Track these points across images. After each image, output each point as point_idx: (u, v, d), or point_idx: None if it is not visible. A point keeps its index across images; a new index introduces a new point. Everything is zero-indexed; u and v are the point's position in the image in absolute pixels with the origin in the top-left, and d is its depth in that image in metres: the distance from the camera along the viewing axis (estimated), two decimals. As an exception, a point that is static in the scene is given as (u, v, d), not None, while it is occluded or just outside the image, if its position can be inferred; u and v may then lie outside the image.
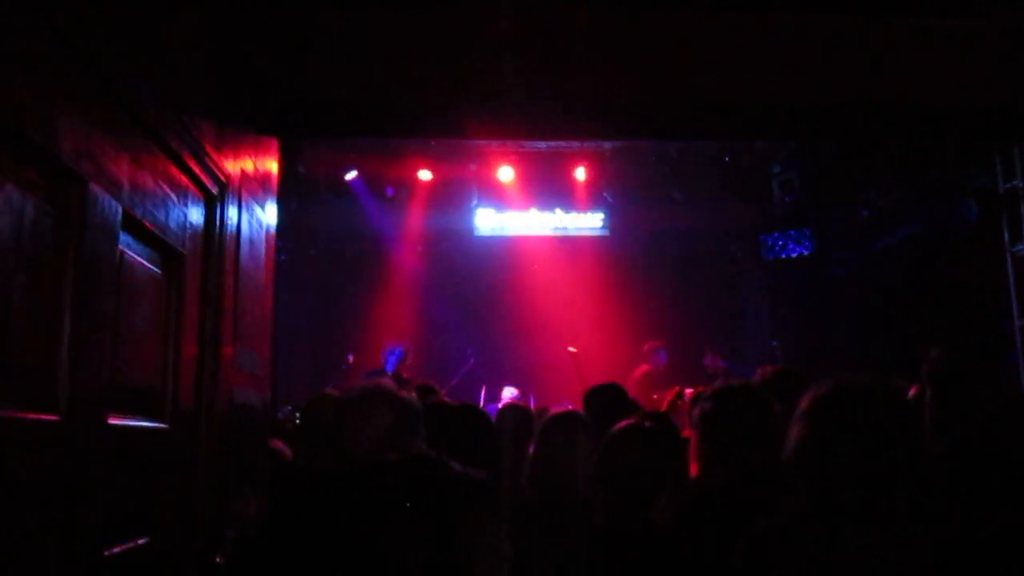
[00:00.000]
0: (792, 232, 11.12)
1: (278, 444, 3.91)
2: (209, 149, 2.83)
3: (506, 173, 10.45)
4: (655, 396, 7.47)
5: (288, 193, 8.81)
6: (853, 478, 1.83)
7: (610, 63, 3.80)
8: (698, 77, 3.96)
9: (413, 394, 3.71)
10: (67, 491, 1.93)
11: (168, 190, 2.56)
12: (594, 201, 11.14)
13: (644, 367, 9.64)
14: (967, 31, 3.65)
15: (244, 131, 3.43)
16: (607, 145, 10.15)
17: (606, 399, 4.71)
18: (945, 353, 2.70)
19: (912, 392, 3.42)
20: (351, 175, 10.35)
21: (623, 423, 3.18)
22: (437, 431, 3.50)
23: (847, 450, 1.84)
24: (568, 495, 3.46)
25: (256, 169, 3.57)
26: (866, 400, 1.90)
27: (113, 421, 2.19)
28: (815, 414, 1.93)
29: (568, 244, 11.42)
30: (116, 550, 2.22)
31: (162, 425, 2.59)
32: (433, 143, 9.89)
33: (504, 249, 11.39)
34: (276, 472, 3.44)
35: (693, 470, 3.65)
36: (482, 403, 9.07)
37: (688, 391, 6.32)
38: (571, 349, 9.61)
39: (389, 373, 8.74)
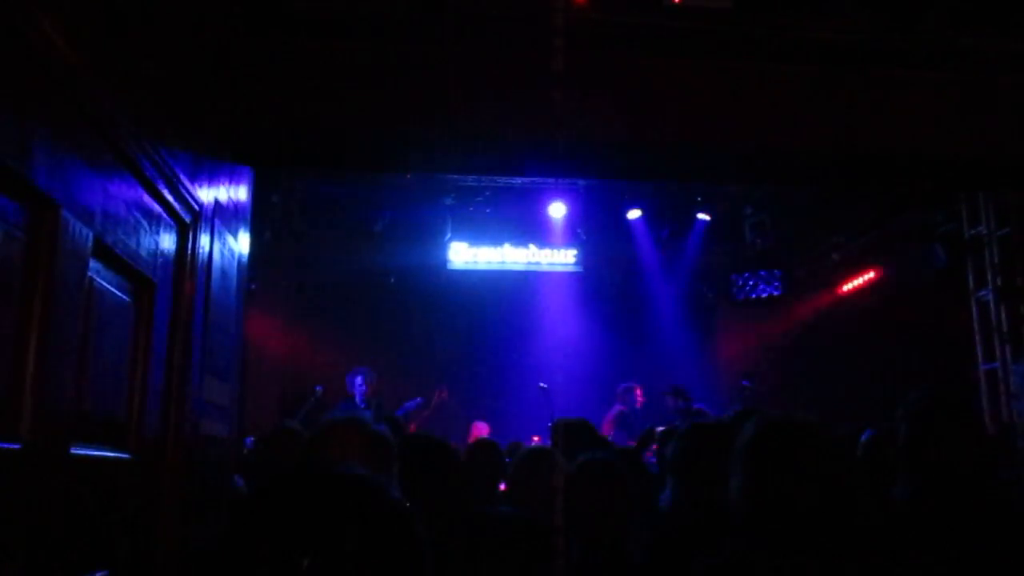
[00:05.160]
0: (763, 273, 11.22)
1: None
2: (183, 177, 2.82)
3: (481, 207, 10.48)
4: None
5: (261, 222, 8.76)
6: (790, 517, 1.83)
7: (582, 102, 3.84)
8: (672, 120, 4.02)
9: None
10: (26, 523, 1.88)
11: (140, 217, 2.54)
12: (568, 237, 11.19)
13: (618, 407, 9.62)
14: (937, 83, 3.74)
15: (218, 159, 3.42)
16: (581, 182, 10.23)
17: (573, 431, 4.71)
18: (923, 393, 2.72)
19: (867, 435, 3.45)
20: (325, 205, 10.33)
21: (584, 457, 3.18)
22: (405, 466, 3.46)
23: (782, 491, 1.85)
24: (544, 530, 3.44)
25: (230, 198, 3.56)
26: (798, 439, 1.91)
27: (77, 451, 2.14)
28: (749, 455, 1.94)
29: (541, 279, 11.44)
30: (74, 584, 2.16)
31: (126, 456, 2.54)
32: (408, 175, 9.91)
33: (477, 283, 11.37)
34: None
35: (665, 504, 3.64)
36: (453, 439, 9.01)
37: (659, 429, 6.33)
38: (542, 385, 9.59)
39: (360, 404, 8.63)
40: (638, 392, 9.67)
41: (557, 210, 10.62)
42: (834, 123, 3.98)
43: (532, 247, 11.25)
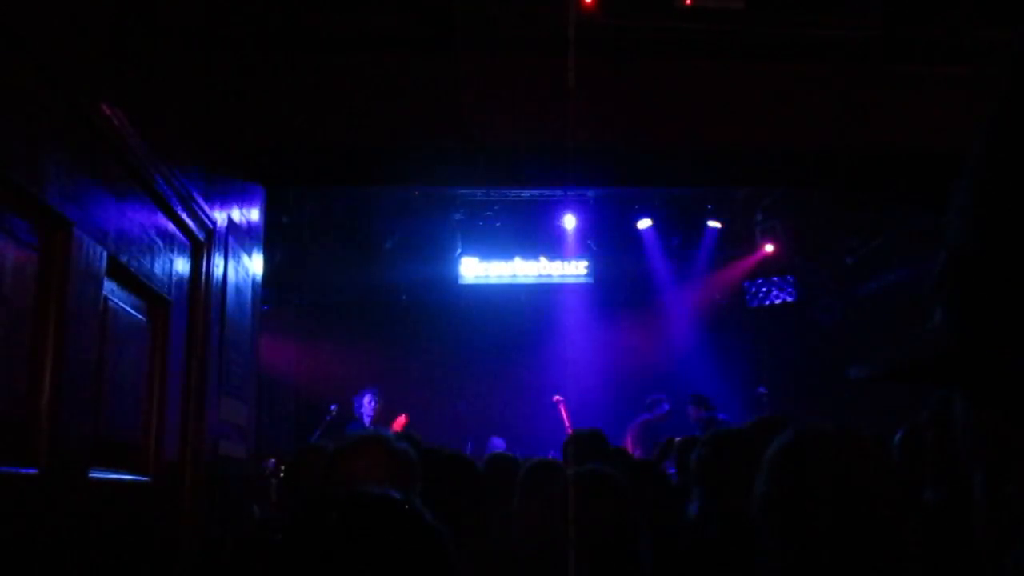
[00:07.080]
0: (776, 279, 11.14)
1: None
2: (197, 196, 2.79)
3: (491, 221, 10.44)
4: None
5: (273, 242, 8.74)
6: (819, 532, 1.76)
7: (595, 108, 3.80)
8: (681, 124, 3.97)
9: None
10: (45, 548, 1.84)
11: (155, 236, 2.51)
12: (579, 249, 11.13)
13: (644, 417, 9.52)
14: (956, 79, 3.69)
15: (231, 178, 3.40)
16: (591, 193, 10.18)
17: (585, 445, 4.67)
18: (946, 395, 2.65)
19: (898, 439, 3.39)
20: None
21: (582, 470, 3.14)
22: (426, 482, 3.43)
23: (810, 504, 1.77)
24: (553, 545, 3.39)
25: (243, 217, 3.53)
26: (831, 450, 1.83)
27: (95, 475, 2.11)
28: (777, 466, 1.86)
29: (553, 292, 11.38)
30: (95, 610, 2.12)
31: (144, 478, 2.50)
32: (417, 192, 9.89)
33: (488, 297, 11.32)
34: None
35: (691, 514, 3.59)
36: (469, 454, 8.94)
37: (677, 439, 6.27)
38: (556, 398, 9.52)
39: (368, 425, 8.56)
40: (666, 403, 9.56)
41: (567, 222, 10.59)
42: (850, 122, 3.93)
43: (543, 260, 11.22)
